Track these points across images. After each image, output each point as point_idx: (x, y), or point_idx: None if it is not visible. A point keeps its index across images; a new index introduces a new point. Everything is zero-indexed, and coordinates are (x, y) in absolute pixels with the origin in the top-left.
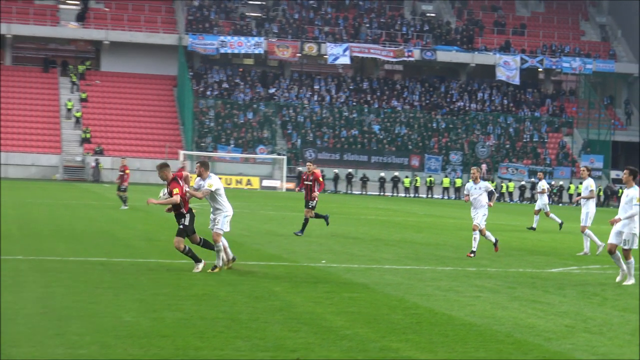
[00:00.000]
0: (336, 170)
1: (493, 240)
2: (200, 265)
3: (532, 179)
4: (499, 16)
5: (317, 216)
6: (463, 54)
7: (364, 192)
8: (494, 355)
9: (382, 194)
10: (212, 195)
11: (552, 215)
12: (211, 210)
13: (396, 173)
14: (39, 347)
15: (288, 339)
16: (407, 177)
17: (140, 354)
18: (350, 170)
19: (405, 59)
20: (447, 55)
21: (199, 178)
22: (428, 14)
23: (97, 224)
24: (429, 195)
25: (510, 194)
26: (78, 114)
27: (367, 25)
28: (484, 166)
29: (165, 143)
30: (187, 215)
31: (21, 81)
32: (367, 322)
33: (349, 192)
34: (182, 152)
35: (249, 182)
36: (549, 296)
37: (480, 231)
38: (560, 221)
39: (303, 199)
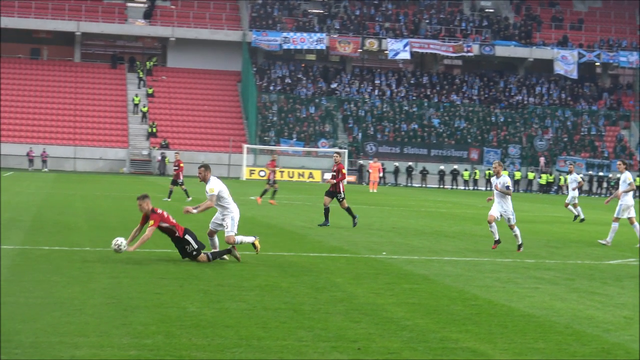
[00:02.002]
0: (396, 164)
1: (496, 237)
2: (237, 253)
3: (590, 172)
4: (557, 11)
5: (349, 210)
6: (521, 48)
7: (423, 185)
8: (552, 346)
9: (441, 186)
10: (211, 198)
11: (570, 207)
12: (218, 210)
13: (455, 166)
14: (105, 337)
15: (349, 329)
16: (466, 170)
17: (205, 343)
18: (410, 163)
19: (464, 54)
20: (505, 50)
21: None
22: (487, 10)
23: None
24: (488, 188)
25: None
26: (145, 109)
27: (427, 21)
28: (542, 159)
29: (229, 137)
30: (188, 238)
31: (90, 77)
32: (427, 313)
33: (409, 184)
34: (245, 146)
35: (310, 175)
36: (608, 288)
37: (490, 219)
38: (577, 214)
39: (367, 191)
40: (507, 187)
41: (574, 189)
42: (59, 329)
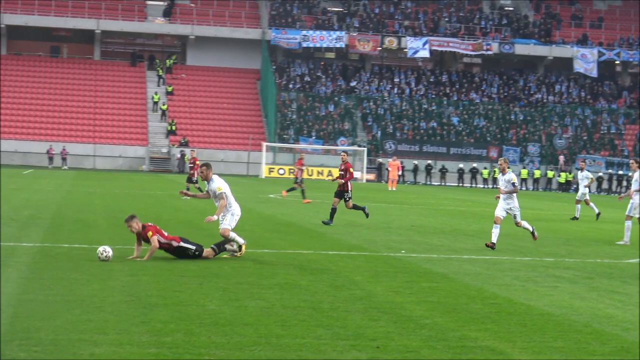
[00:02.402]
0: (415, 162)
1: (494, 239)
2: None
3: (610, 170)
4: (576, 9)
5: (355, 207)
6: (541, 47)
7: (442, 183)
8: (572, 345)
9: (460, 184)
10: (220, 196)
11: (578, 206)
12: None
13: (475, 164)
14: (124, 335)
15: (368, 327)
16: (485, 168)
17: (224, 341)
18: (429, 161)
19: (483, 52)
20: (525, 48)
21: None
22: (506, 8)
23: (182, 214)
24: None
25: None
26: (164, 107)
27: (447, 19)
28: (561, 158)
29: (248, 135)
30: (184, 245)
31: (109, 75)
32: (446, 312)
33: (428, 183)
34: (264, 144)
35: (329, 173)
36: (627, 287)
37: (516, 224)
38: (593, 209)
39: (386, 190)
40: (513, 185)
41: (585, 186)
42: (78, 327)
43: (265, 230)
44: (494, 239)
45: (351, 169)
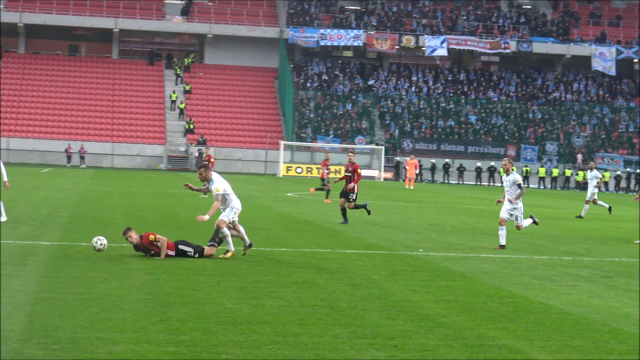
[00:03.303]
0: (433, 160)
1: (502, 241)
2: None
3: (628, 169)
4: (595, 7)
5: (357, 207)
6: (559, 45)
7: (460, 182)
8: (590, 344)
9: (478, 183)
10: (216, 198)
11: (601, 202)
12: (221, 208)
13: (493, 163)
14: (142, 333)
15: (386, 326)
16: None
17: (241, 340)
18: (447, 160)
19: (501, 50)
20: (543, 46)
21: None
22: (524, 6)
23: (200, 212)
24: (525, 185)
25: (606, 183)
26: (182, 106)
27: (464, 17)
28: (579, 156)
29: (266, 133)
30: (183, 248)
31: (127, 74)
32: (463, 310)
33: (446, 181)
34: (282, 143)
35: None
36: None
37: (501, 222)
38: (604, 206)
39: (404, 188)
40: (519, 186)
41: (595, 186)
42: (96, 325)
43: (282, 228)
44: (503, 242)
45: (359, 170)
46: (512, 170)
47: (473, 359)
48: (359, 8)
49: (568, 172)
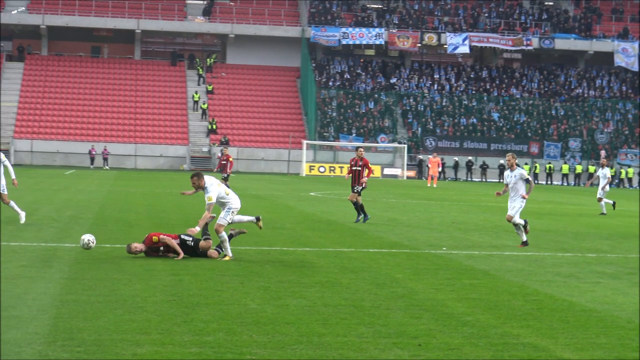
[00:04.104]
0: (456, 158)
1: (524, 237)
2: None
3: None
4: (617, 3)
5: (361, 208)
6: (581, 41)
7: (483, 179)
8: (614, 341)
9: (501, 180)
10: (208, 207)
11: (605, 200)
12: (221, 208)
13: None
14: (166, 334)
15: (410, 325)
16: (526, 164)
17: (265, 340)
18: (470, 157)
19: (523, 47)
20: (565, 43)
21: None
22: (546, 3)
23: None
24: (549, 182)
25: (630, 179)
26: (204, 106)
27: (486, 14)
28: (602, 152)
29: (289, 133)
30: (184, 237)
31: (150, 75)
32: (488, 309)
33: (469, 179)
34: (305, 142)
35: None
36: None
37: (509, 220)
38: (612, 202)
39: (427, 186)
40: (527, 180)
41: (602, 187)
42: (120, 327)
43: (306, 228)
44: (524, 238)
45: (370, 165)
46: (517, 166)
47: (497, 358)
48: (380, 6)
49: (591, 169)
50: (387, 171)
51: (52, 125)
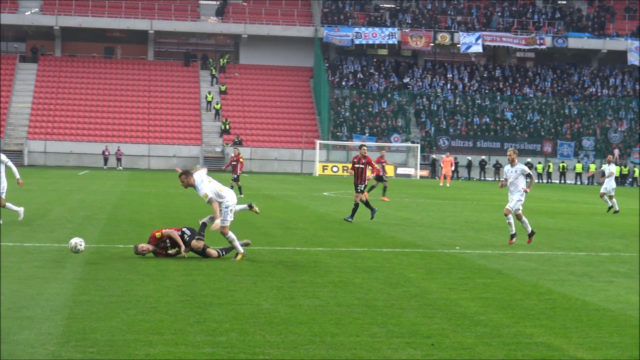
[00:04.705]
0: (469, 157)
1: (529, 229)
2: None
3: None
4: (630, 2)
5: (366, 204)
6: (594, 40)
7: (497, 179)
8: (628, 340)
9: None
10: (210, 201)
11: (605, 198)
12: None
13: (529, 159)
14: (179, 334)
15: (423, 325)
16: (539, 162)
17: (278, 340)
18: (483, 157)
19: (537, 46)
20: (578, 42)
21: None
22: (559, 2)
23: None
24: (562, 181)
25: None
26: (218, 106)
27: (499, 13)
28: (616, 151)
29: (302, 133)
30: (185, 229)
31: (163, 75)
32: (501, 308)
33: (482, 178)
34: (318, 142)
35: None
36: None
37: (517, 217)
38: (612, 205)
39: (440, 186)
40: (529, 176)
41: (602, 180)
42: (133, 327)
43: (319, 228)
44: (529, 229)
45: (373, 163)
46: (518, 162)
47: (510, 357)
48: (393, 6)
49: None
50: (400, 170)
51: (65, 126)
